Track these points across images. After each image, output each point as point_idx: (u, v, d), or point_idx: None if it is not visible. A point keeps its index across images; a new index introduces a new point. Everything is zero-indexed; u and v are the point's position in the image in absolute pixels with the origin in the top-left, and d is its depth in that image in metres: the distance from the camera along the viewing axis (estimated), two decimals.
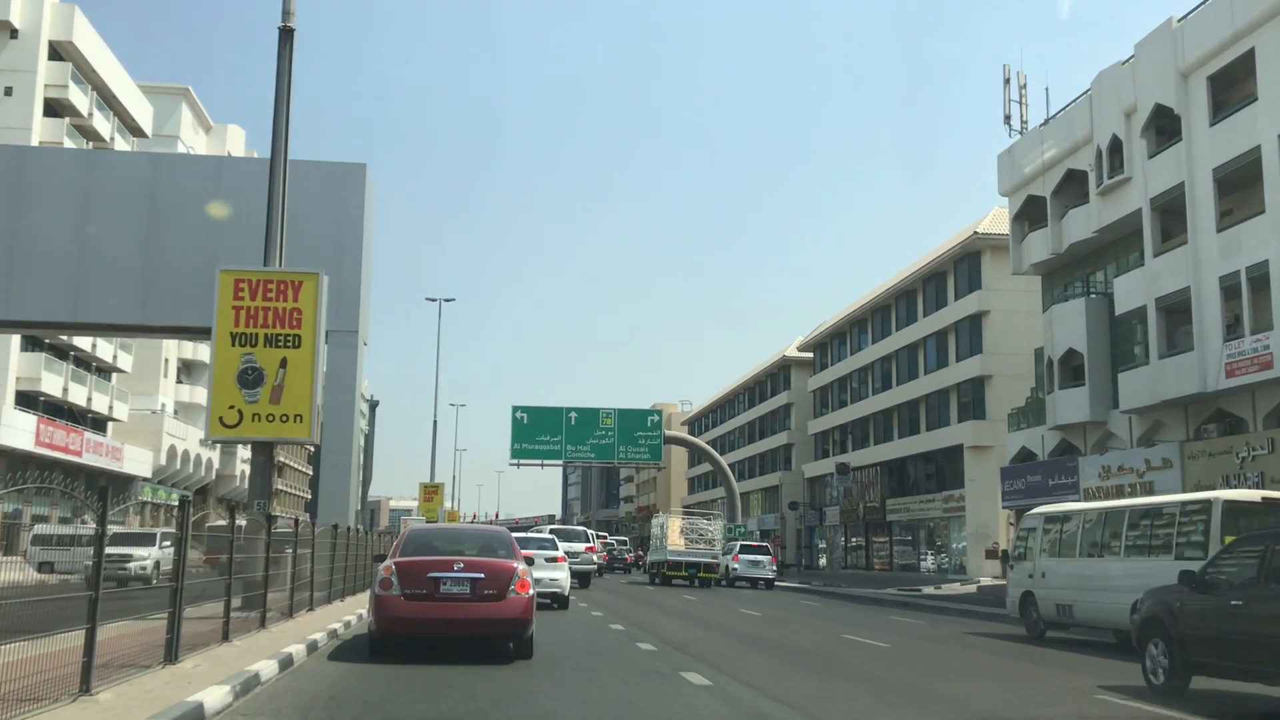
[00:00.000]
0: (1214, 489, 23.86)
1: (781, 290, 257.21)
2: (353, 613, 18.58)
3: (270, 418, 16.85)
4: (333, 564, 20.41)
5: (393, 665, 11.57)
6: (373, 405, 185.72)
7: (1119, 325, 35.98)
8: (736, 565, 42.43)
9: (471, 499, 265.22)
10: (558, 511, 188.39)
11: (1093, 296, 37.38)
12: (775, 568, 44.66)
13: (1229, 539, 13.93)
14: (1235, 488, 24.94)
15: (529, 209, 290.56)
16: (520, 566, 12.62)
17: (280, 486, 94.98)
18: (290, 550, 16.78)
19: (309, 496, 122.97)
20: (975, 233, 48.57)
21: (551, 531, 33.97)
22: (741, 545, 44.37)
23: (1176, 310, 31.70)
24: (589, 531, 38.26)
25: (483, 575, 12.20)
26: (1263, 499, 16.61)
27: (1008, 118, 41.11)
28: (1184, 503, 17.39)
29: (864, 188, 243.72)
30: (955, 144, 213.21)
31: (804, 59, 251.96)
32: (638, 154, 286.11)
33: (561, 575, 24.31)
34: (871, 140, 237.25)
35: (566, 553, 26.19)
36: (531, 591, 12.55)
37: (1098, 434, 37.21)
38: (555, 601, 23.76)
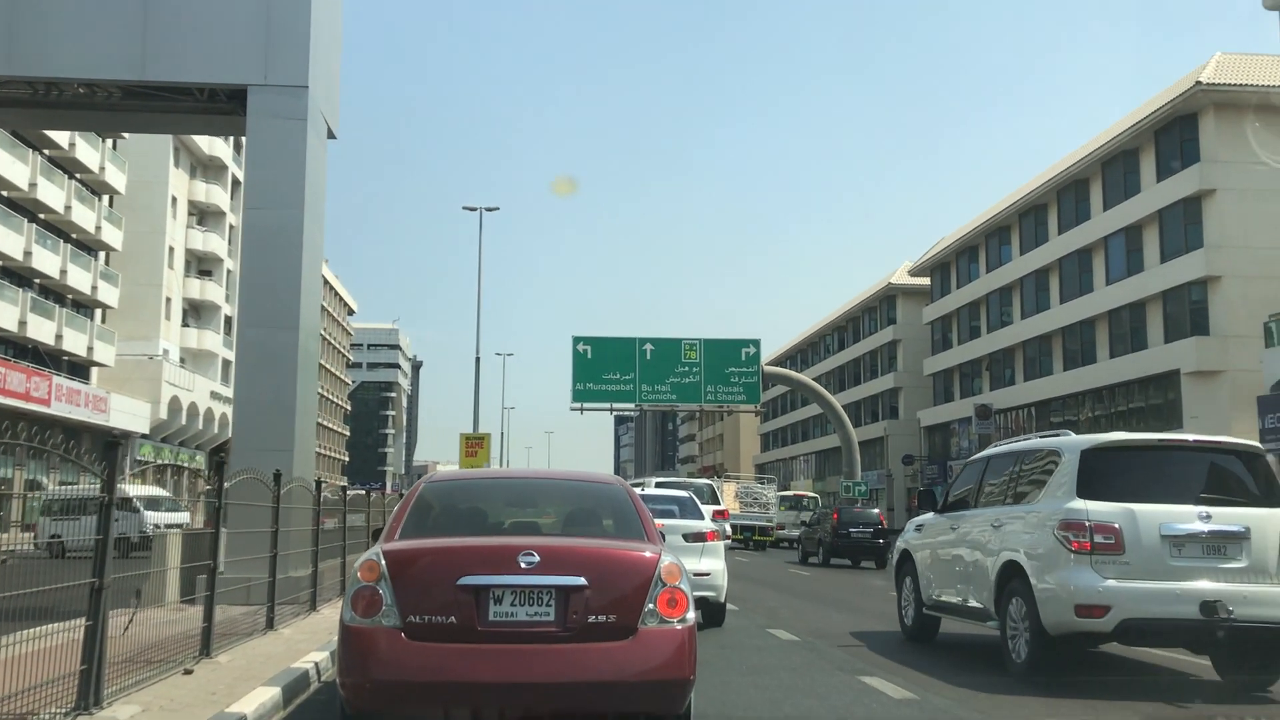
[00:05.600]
0: None
1: (887, 215, 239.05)
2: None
3: None
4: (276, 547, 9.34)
5: None
6: (416, 366, 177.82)
7: None
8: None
9: (519, 462, 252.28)
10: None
11: None
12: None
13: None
14: None
15: (577, 105, 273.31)
16: (666, 559, 5.86)
17: None
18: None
19: (345, 458, 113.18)
20: (1198, 83, 36.17)
21: (659, 486, 22.27)
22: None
23: None
24: (714, 487, 26.62)
25: (584, 581, 5.62)
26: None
27: None
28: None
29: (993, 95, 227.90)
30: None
31: None
32: (712, 36, 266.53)
33: (715, 566, 13.25)
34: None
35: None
36: (692, 615, 5.79)
37: None
38: (702, 613, 12.78)
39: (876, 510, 32.98)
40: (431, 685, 5.45)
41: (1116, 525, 8.46)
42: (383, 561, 5.67)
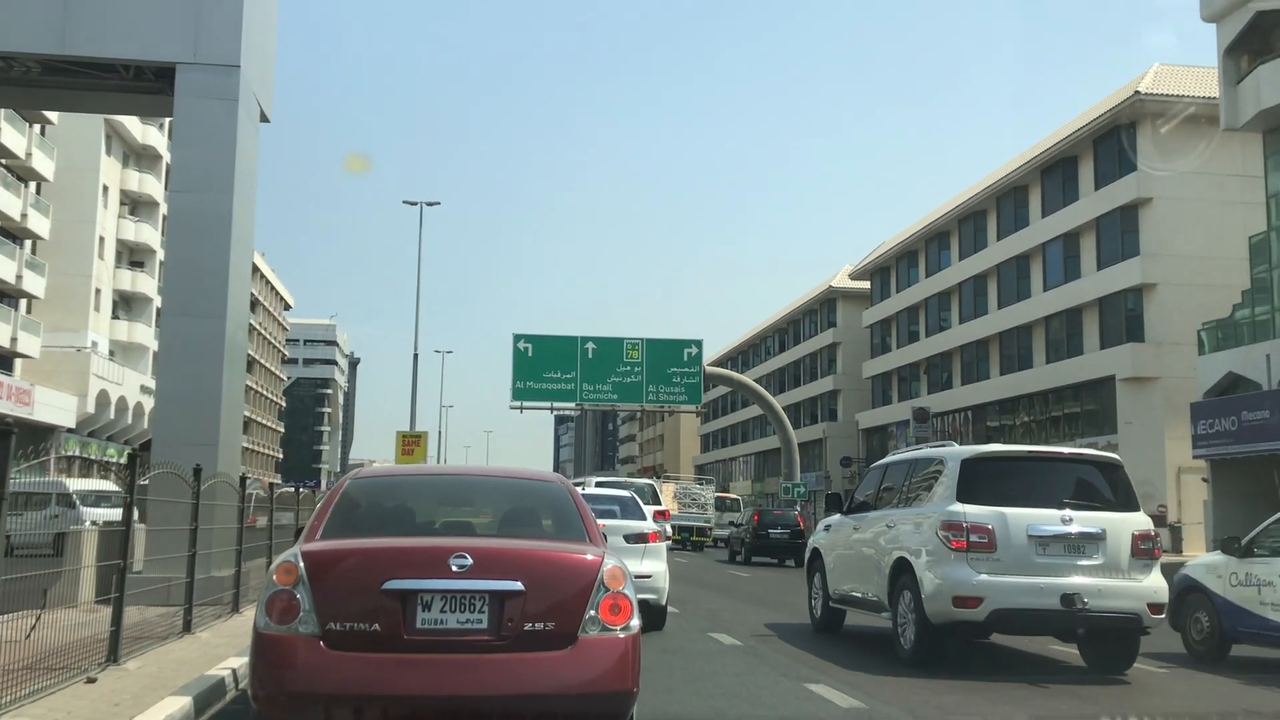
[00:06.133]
0: None
1: (829, 218, 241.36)
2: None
3: None
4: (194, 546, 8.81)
5: None
6: (353, 362, 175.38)
7: None
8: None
9: (457, 461, 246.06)
10: None
11: None
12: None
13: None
14: None
15: (517, 105, 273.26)
16: (610, 563, 5.50)
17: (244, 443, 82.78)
18: None
19: (280, 455, 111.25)
20: (1136, 93, 36.64)
21: (599, 486, 21.87)
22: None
23: None
24: (655, 488, 26.30)
25: (520, 586, 5.21)
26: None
27: None
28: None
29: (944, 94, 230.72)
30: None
31: None
32: (658, 33, 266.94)
33: (657, 568, 12.86)
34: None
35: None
36: (636, 621, 5.44)
37: None
38: (642, 616, 12.26)
39: (795, 512, 35.31)
40: (352, 698, 4.99)
41: (990, 526, 9.39)
42: (301, 563, 5.20)
